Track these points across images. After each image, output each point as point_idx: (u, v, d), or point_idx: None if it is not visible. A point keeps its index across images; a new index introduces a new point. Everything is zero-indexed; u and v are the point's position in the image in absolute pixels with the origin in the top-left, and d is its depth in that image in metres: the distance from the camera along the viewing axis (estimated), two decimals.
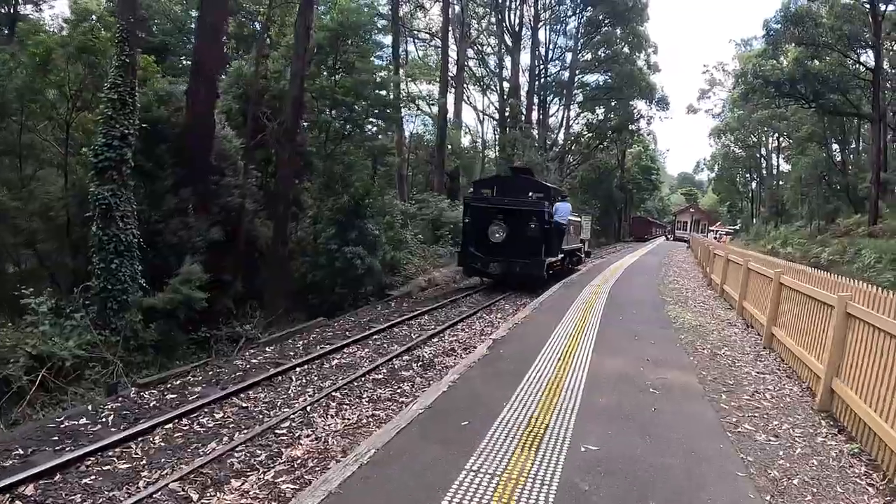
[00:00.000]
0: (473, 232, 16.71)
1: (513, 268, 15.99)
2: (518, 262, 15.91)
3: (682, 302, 13.52)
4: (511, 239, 16.11)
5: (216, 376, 9.41)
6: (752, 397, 6.60)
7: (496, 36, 47.19)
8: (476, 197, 17.85)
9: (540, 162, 37.30)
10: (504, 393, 6.16)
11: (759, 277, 10.39)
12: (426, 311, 14.08)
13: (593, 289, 15.01)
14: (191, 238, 14.44)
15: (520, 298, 15.90)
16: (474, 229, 16.68)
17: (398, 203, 21.01)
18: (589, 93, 52.36)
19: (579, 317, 10.75)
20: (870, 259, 26.77)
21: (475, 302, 15.61)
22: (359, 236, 16.54)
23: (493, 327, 11.85)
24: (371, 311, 15.03)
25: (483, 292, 17.22)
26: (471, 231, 16.84)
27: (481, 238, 16.41)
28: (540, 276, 16.23)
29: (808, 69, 33.14)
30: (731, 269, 13.61)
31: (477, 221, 16.65)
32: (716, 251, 16.92)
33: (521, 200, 16.80)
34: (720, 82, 69.61)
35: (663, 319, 10.92)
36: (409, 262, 20.86)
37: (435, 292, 18.18)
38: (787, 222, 53.00)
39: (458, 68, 36.64)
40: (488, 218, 16.38)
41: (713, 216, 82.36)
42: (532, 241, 16.09)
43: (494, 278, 17.20)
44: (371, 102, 19.92)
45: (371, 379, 8.55)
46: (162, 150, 15.18)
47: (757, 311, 10.15)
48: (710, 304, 13.66)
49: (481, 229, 16.42)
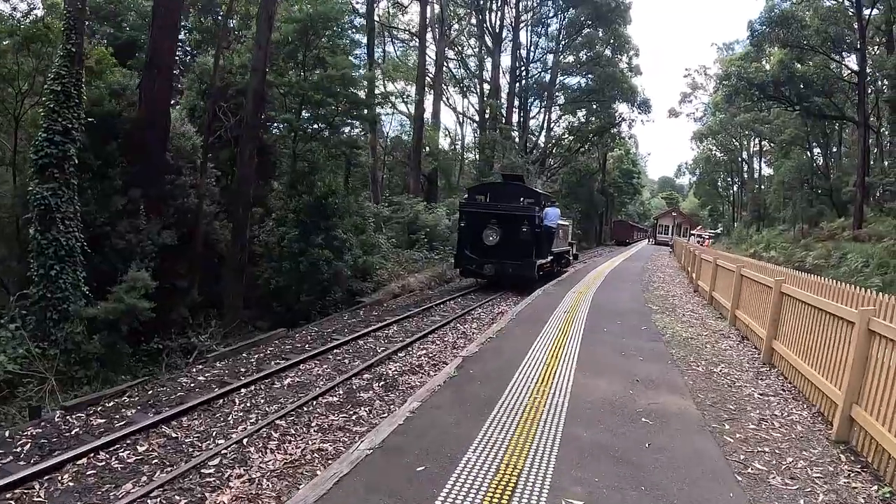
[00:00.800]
0: (469, 235, 17.67)
1: (505, 269, 17.01)
2: (510, 263, 16.92)
3: (670, 311, 12.66)
4: (504, 242, 17.13)
5: (155, 397, 8.42)
6: (758, 426, 5.71)
7: (476, 37, 46.49)
8: (471, 202, 18.99)
9: (520, 164, 36.50)
10: (471, 427, 5.19)
11: (755, 285, 9.54)
12: (396, 320, 13.09)
13: (575, 296, 14.12)
14: (140, 242, 13.29)
15: (497, 306, 15.04)
16: (469, 233, 17.66)
17: (370, 205, 19.98)
18: (570, 95, 51.64)
19: (560, 328, 9.82)
20: (856, 263, 26.29)
21: (449, 311, 14.66)
22: (324, 239, 15.52)
23: (468, 340, 10.93)
24: (338, 320, 14.01)
25: (459, 300, 16.34)
26: (466, 235, 17.82)
27: (476, 241, 17.42)
28: (531, 277, 17.16)
29: (793, 71, 32.69)
30: (722, 276, 12.81)
31: (472, 226, 17.66)
32: (703, 256, 16.13)
33: (513, 206, 17.84)
34: (702, 86, 69.70)
35: (652, 331, 10.03)
36: (382, 267, 19.87)
37: (408, 299, 17.21)
38: (770, 226, 52.70)
39: (436, 68, 35.73)
40: (482, 222, 17.46)
41: (695, 220, 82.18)
42: (523, 244, 17.10)
43: (488, 279, 18.16)
44: (342, 100, 18.88)
45: (324, 402, 7.55)
46: (113, 146, 14.08)
47: (754, 322, 9.29)
48: (700, 312, 12.82)
49: (476, 233, 17.43)
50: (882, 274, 23.96)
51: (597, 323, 10.47)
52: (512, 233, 17.11)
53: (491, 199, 18.84)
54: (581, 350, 8.27)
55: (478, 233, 17.37)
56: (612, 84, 47.21)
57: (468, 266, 17.91)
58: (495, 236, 17.20)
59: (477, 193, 19.93)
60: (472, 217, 17.86)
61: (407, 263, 21.31)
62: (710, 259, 14.01)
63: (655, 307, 12.84)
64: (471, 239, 17.55)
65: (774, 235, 45.27)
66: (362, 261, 18.28)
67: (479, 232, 17.36)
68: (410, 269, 20.99)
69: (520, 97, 49.47)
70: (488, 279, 18.18)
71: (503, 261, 16.95)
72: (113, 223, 13.41)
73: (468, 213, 18.11)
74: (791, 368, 7.19)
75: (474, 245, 17.47)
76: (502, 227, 17.23)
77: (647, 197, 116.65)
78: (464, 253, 17.76)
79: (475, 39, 47.40)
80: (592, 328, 9.96)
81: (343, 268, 15.50)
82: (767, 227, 52.61)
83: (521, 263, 16.95)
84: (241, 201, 15.01)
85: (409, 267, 21.07)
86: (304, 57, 18.68)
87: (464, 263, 17.99)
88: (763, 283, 8.89)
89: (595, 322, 10.55)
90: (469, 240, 17.62)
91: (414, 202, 24.71)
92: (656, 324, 10.71)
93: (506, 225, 17.26)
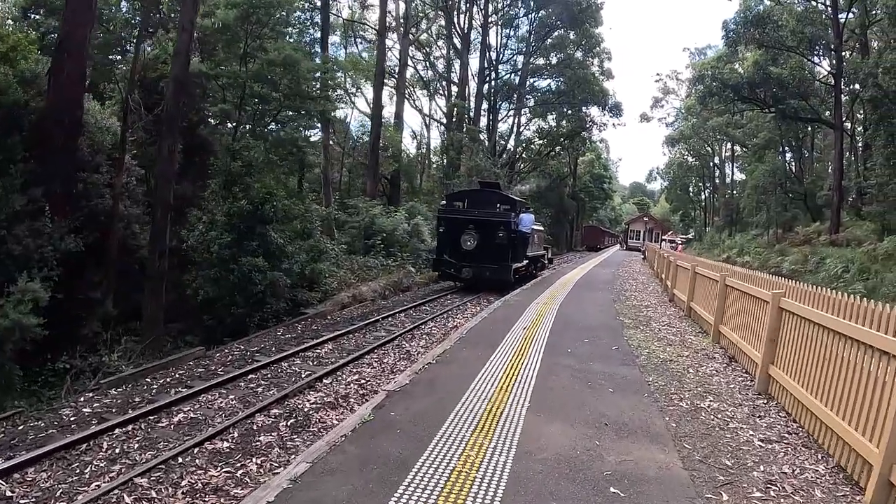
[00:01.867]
0: (447, 241, 18.41)
1: (483, 272, 17.64)
2: (488, 267, 17.58)
3: (644, 325, 11.20)
4: (481, 247, 17.79)
5: (21, 434, 6.83)
6: (765, 492, 4.22)
7: (444, 38, 45.12)
8: (449, 209, 19.39)
9: (487, 168, 35.12)
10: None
11: (745, 298, 8.08)
12: (335, 336, 11.46)
13: (540, 307, 12.61)
14: (40, 247, 11.46)
15: (453, 318, 13.54)
16: (448, 238, 18.36)
17: (318, 208, 18.19)
18: (541, 97, 50.50)
19: (517, 349, 8.29)
20: (836, 269, 25.38)
21: (398, 324, 13.06)
22: (260, 246, 13.79)
23: (410, 361, 9.35)
24: (271, 336, 12.31)
25: (412, 311, 14.81)
26: (445, 240, 18.55)
27: (454, 246, 18.13)
28: (508, 280, 17.71)
29: (768, 73, 31.87)
30: (702, 285, 11.41)
31: (450, 231, 18.33)
32: (680, 263, 14.77)
33: (490, 212, 18.58)
34: (674, 90, 69.35)
35: (624, 352, 8.53)
36: (333, 275, 18.20)
37: (357, 310, 15.58)
38: (743, 231, 52.15)
39: (400, 66, 34.13)
40: (460, 228, 18.12)
41: (666, 225, 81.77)
42: (500, 249, 17.76)
43: (466, 282, 18.66)
44: (289, 94, 17.20)
45: (210, 449, 5.91)
46: (16, 139, 12.27)
47: (744, 342, 7.83)
48: (678, 326, 11.38)
49: (454, 238, 18.12)
50: (864, 279, 23.05)
51: (560, 342, 8.95)
52: (489, 238, 17.77)
53: (468, 205, 19.45)
54: (538, 380, 6.73)
55: (456, 238, 18.05)
56: (583, 86, 46.17)
57: (447, 270, 18.52)
58: (473, 241, 17.82)
59: (455, 200, 20.31)
60: (450, 223, 18.49)
61: (361, 271, 19.64)
62: (688, 266, 12.63)
63: (628, 321, 11.39)
64: (449, 244, 18.28)
65: (747, 240, 44.65)
66: (310, 268, 16.61)
67: (457, 237, 18.03)
68: (364, 276, 19.33)
69: (489, 99, 48.21)
70: (466, 283, 18.70)
71: (480, 265, 17.60)
72: (10, 226, 11.59)
73: (447, 219, 18.72)
74: (796, 403, 5.73)
75: (453, 250, 18.17)
76: (479, 232, 17.88)
77: (618, 202, 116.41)
78: (443, 257, 18.43)
79: (443, 41, 46.04)
80: (554, 349, 8.43)
81: (280, 277, 13.76)
82: (740, 232, 52.07)
83: (497, 267, 17.54)
84: (158, 202, 13.20)
85: (362, 275, 19.41)
86: (246, 46, 16.96)
87: (442, 267, 18.61)
88: (756, 297, 7.44)
89: (558, 341, 9.03)
90: (448, 245, 18.34)
91: (370, 205, 23.01)
92: (629, 342, 9.23)
93: (483, 230, 17.92)
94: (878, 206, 28.60)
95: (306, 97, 17.25)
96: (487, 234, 17.83)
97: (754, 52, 33.89)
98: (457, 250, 18.05)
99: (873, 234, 28.49)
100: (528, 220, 19.93)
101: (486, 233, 17.86)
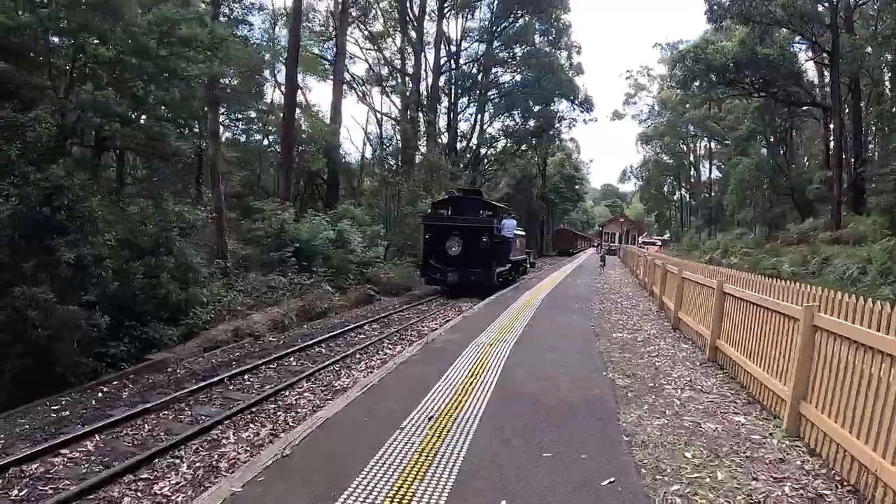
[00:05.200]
0: (433, 246, 18.63)
1: (467, 277, 17.74)
2: (472, 271, 17.75)
3: (651, 389, 6.39)
4: (466, 252, 18.09)
5: None
6: None
7: (396, 20, 40.41)
8: (434, 216, 19.98)
9: (443, 165, 30.55)
10: None
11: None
12: (111, 422, 6.64)
13: (478, 357, 7.81)
14: None
15: (338, 377, 8.74)
16: (434, 244, 18.61)
17: (189, 211, 13.06)
18: (506, 90, 46.15)
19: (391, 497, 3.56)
20: (850, 270, 21.26)
21: (250, 391, 8.21)
22: (43, 268, 8.86)
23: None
24: (32, 413, 7.44)
25: (293, 360, 10.04)
26: (431, 246, 18.76)
27: (440, 252, 18.35)
28: (492, 284, 17.91)
29: (756, 52, 27.98)
30: (750, 317, 6.66)
31: (436, 237, 18.58)
32: (687, 274, 10.16)
33: (474, 218, 19.01)
34: (646, 87, 66.36)
35: (632, 488, 3.85)
36: (220, 299, 13.40)
37: (229, 354, 10.74)
38: (724, 230, 48.65)
39: (337, 50, 29.17)
40: (445, 234, 18.40)
41: (642, 227, 78.18)
42: (484, 254, 18.02)
43: (451, 286, 18.39)
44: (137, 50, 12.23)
45: None
46: None
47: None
48: (707, 384, 6.67)
49: (440, 244, 18.36)
50: (891, 283, 19.03)
51: (502, 450, 4.25)
52: (473, 243, 18.07)
53: (453, 211, 20.01)
54: None
55: (441, 244, 18.32)
56: (550, 75, 42.20)
57: (433, 275, 18.67)
58: (457, 247, 18.16)
59: (440, 207, 20.81)
60: (435, 229, 18.84)
61: (259, 293, 14.77)
62: (711, 284, 8.00)
63: (621, 381, 6.65)
64: (435, 250, 18.50)
65: (732, 240, 41.17)
66: (174, 296, 11.80)
67: (442, 243, 18.31)
68: (264, 300, 14.49)
69: (448, 95, 43.84)
70: (451, 287, 18.46)
71: (465, 269, 17.82)
72: None
73: (432, 225, 19.14)
74: None
75: (439, 255, 18.40)
76: (464, 238, 18.19)
77: (589, 205, 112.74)
78: (429, 263, 18.68)
79: (397, 28, 41.34)
80: (483, 471, 3.73)
81: (77, 316, 8.79)
82: (721, 232, 48.52)
83: (481, 272, 17.76)
84: None
85: (261, 298, 14.56)
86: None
87: (429, 272, 18.78)
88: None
89: (498, 447, 4.33)
90: (434, 250, 18.55)
91: (277, 208, 17.91)
92: (636, 452, 4.53)
93: (467, 236, 18.22)
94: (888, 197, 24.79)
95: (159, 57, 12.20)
96: (472, 240, 18.09)
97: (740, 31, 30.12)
98: (442, 256, 18.27)
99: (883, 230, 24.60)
100: (511, 225, 20.46)
101: (471, 238, 18.11)
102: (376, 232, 22.27)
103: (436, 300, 18.04)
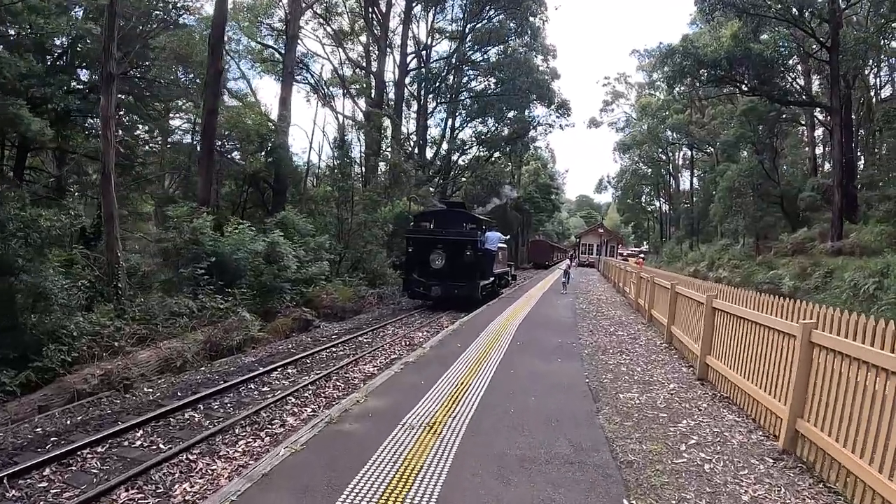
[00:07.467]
0: (416, 260, 18.51)
1: (451, 290, 17.61)
2: (456, 284, 17.68)
3: None
4: (449, 265, 17.99)
5: None
6: None
7: (360, 15, 37.45)
8: (417, 229, 19.85)
9: (406, 169, 27.45)
10: None
11: None
12: None
13: (406, 452, 4.68)
14: None
15: (189, 476, 5.52)
16: (417, 258, 18.48)
17: (39, 214, 9.78)
18: (478, 93, 43.44)
19: None
20: (864, 285, 18.53)
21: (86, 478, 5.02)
22: None
23: None
24: None
25: (129, 438, 6.74)
26: (414, 259, 18.65)
27: (423, 265, 18.24)
28: (476, 297, 17.78)
29: (749, 49, 25.58)
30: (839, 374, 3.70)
31: (419, 251, 18.45)
32: (717, 305, 7.12)
33: (457, 231, 18.79)
34: (623, 94, 64.57)
35: None
36: (95, 333, 10.10)
37: (46, 426, 7.41)
38: (707, 241, 46.37)
39: (288, 39, 26.06)
40: (429, 247, 18.28)
41: (620, 238, 75.77)
42: (467, 267, 17.94)
43: (435, 300, 18.38)
44: None
45: None
46: None
47: None
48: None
49: (423, 257, 18.22)
50: None
51: None
52: (457, 256, 17.88)
53: (436, 224, 19.73)
54: None
55: (424, 257, 18.10)
56: (525, 76, 39.41)
57: (416, 289, 18.38)
58: (441, 260, 17.94)
59: (423, 220, 20.73)
60: (418, 242, 18.61)
61: (156, 321, 11.45)
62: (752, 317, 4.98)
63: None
64: (419, 263, 18.30)
65: (717, 251, 38.77)
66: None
67: (425, 256, 18.09)
68: (161, 331, 11.19)
69: (417, 99, 40.91)
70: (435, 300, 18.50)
71: (449, 282, 17.59)
72: None
73: (415, 239, 18.89)
74: None
75: (422, 269, 18.18)
76: (447, 251, 17.99)
77: (565, 216, 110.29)
78: (412, 276, 18.47)
79: (364, 28, 38.40)
80: None
81: None
82: (705, 243, 46.26)
83: (465, 285, 17.59)
84: None
85: (158, 328, 11.26)
86: None
87: (412, 286, 18.53)
88: None
89: None
90: (417, 264, 18.36)
91: (186, 213, 14.46)
92: None
93: (450, 249, 18.00)
94: None
95: None
96: (455, 253, 17.90)
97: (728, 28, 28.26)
98: (426, 269, 18.05)
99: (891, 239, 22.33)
100: (495, 238, 19.90)
101: (454, 251, 17.92)
102: (321, 244, 18.92)
103: (385, 328, 14.79)
